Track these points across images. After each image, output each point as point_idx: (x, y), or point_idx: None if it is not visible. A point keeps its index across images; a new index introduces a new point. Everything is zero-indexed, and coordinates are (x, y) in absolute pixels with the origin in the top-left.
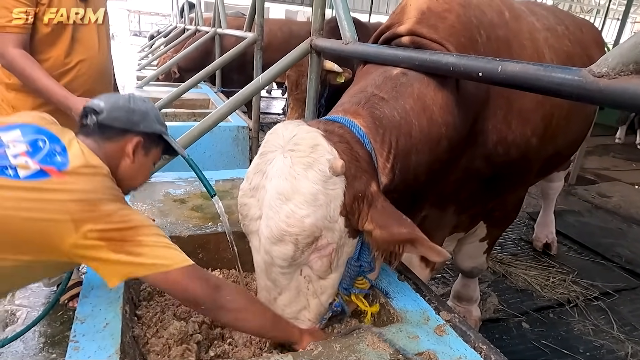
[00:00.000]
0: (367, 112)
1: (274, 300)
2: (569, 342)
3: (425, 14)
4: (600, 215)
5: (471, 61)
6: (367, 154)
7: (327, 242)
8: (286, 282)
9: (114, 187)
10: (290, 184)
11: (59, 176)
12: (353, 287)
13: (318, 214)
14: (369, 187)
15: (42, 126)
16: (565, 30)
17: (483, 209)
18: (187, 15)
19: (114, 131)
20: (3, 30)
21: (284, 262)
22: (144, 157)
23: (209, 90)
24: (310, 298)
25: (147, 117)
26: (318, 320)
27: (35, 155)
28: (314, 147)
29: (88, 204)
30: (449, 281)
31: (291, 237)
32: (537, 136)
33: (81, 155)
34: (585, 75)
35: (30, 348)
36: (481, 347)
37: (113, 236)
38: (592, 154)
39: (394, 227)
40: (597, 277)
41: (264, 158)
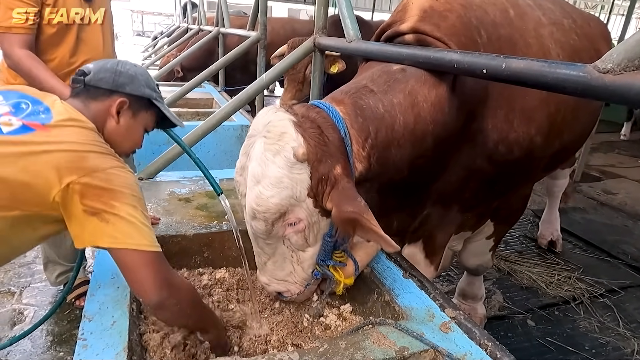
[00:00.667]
0: (350, 100)
1: (264, 264)
2: (575, 339)
3: (427, 13)
4: (605, 212)
5: (475, 58)
6: (339, 139)
7: (296, 217)
8: (271, 251)
9: (101, 141)
10: (261, 168)
11: (43, 129)
12: (330, 260)
13: (283, 194)
14: (333, 170)
15: (24, 92)
16: (572, 23)
17: (489, 208)
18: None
19: (100, 91)
20: (8, 31)
21: (262, 234)
22: (130, 119)
23: (212, 90)
24: (295, 265)
25: (134, 80)
26: (304, 285)
27: (18, 114)
28: (281, 135)
29: (74, 155)
30: (453, 279)
31: (260, 214)
32: (542, 134)
33: (65, 111)
34: (590, 71)
35: (38, 346)
36: (486, 344)
37: (89, 193)
38: (597, 151)
39: (344, 205)
40: (602, 274)
41: (249, 141)
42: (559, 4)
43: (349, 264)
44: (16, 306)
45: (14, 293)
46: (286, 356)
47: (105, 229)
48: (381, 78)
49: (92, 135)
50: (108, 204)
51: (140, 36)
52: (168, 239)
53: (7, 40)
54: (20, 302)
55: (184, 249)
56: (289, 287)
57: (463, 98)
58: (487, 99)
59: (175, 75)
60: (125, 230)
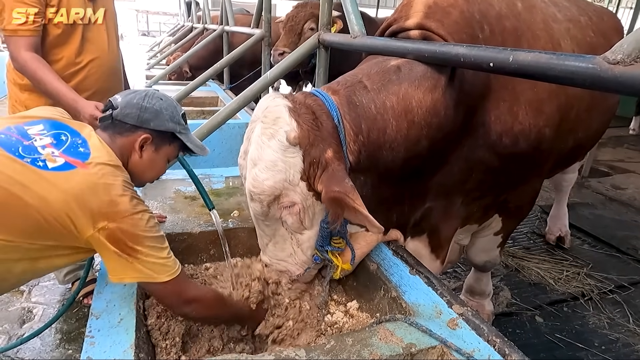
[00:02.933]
0: (345, 93)
1: (266, 245)
2: (584, 335)
3: (432, 8)
4: (614, 207)
5: (482, 51)
6: (332, 125)
7: (290, 200)
8: (271, 232)
9: (129, 181)
10: (257, 151)
11: (83, 167)
12: (329, 245)
13: (277, 177)
14: (324, 154)
15: (62, 121)
16: (588, 20)
17: (495, 201)
18: (195, 13)
19: (126, 127)
20: (14, 34)
21: (260, 216)
22: (153, 153)
23: (217, 88)
24: (295, 247)
25: (159, 115)
26: (303, 268)
27: (60, 147)
28: (276, 120)
29: (108, 198)
30: (461, 275)
31: (255, 196)
32: (551, 127)
33: (100, 147)
34: (600, 63)
35: (47, 344)
36: (495, 340)
37: (117, 237)
38: (605, 146)
39: (331, 185)
40: (611, 270)
41: (250, 126)
42: (574, 1)
43: (347, 250)
44: (25, 304)
45: (23, 291)
46: (292, 353)
47: (131, 268)
48: (377, 75)
49: (123, 177)
50: (133, 248)
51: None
52: (174, 236)
53: (13, 43)
54: (29, 300)
55: (190, 246)
56: (289, 267)
57: (462, 95)
58: (489, 92)
59: (185, 75)
60: (148, 269)
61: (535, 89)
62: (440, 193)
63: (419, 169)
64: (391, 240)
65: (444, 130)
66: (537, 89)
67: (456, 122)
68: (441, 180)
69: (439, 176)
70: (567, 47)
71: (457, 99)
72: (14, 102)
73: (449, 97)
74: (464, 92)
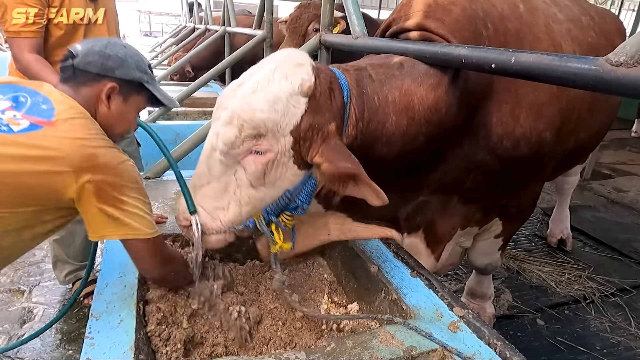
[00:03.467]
0: (354, 75)
1: (200, 187)
2: (585, 339)
3: (431, 7)
4: (616, 210)
5: (484, 53)
6: (342, 102)
7: (267, 146)
8: (219, 173)
9: (101, 130)
10: (263, 82)
11: (50, 125)
12: (276, 218)
13: (270, 116)
14: (328, 125)
15: (17, 83)
16: (590, 21)
17: (496, 203)
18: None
19: (90, 76)
20: (17, 35)
21: (225, 145)
22: (122, 104)
23: (219, 89)
24: (232, 203)
25: (124, 63)
26: (228, 227)
27: (20, 109)
28: (298, 65)
29: (86, 153)
30: (462, 277)
31: (239, 120)
32: (552, 131)
33: (64, 102)
34: (603, 65)
35: (47, 345)
36: (496, 343)
37: (102, 191)
38: (607, 148)
39: (340, 161)
40: (613, 273)
41: (259, 65)
42: (576, 1)
43: (288, 231)
44: (26, 304)
45: (23, 291)
46: (293, 355)
47: (116, 223)
48: (381, 68)
49: (96, 127)
50: (119, 199)
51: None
52: (175, 237)
53: (16, 45)
54: (30, 300)
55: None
56: (208, 221)
57: (465, 94)
58: (492, 93)
59: (187, 75)
60: (134, 221)
61: (536, 92)
62: (436, 189)
63: (414, 163)
64: (392, 242)
65: (444, 128)
66: (538, 92)
67: (457, 121)
68: (438, 177)
69: (436, 173)
70: (568, 48)
71: (460, 97)
72: None
73: (452, 95)
74: (467, 91)
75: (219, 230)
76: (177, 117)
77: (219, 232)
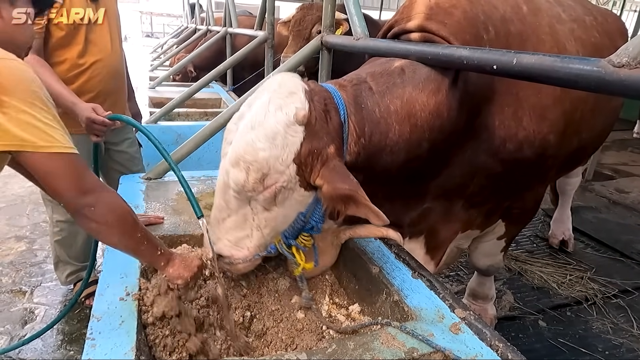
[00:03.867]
0: (352, 92)
1: (222, 220)
2: (587, 340)
3: (433, 9)
4: (618, 211)
5: (485, 54)
6: (339, 121)
7: (274, 181)
8: (236, 206)
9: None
10: (260, 117)
11: None
12: (295, 240)
13: (272, 152)
14: (327, 148)
15: None
16: (593, 21)
17: (499, 206)
18: (198, 15)
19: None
20: None
21: (236, 186)
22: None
23: (220, 90)
24: (254, 229)
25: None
26: (254, 253)
27: None
28: (290, 94)
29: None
30: (463, 279)
31: (245, 163)
32: (556, 133)
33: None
34: (605, 66)
35: (49, 345)
36: (497, 345)
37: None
38: (609, 149)
39: (338, 182)
40: (615, 274)
41: (256, 94)
42: (579, 1)
43: (310, 251)
44: (27, 305)
45: (25, 292)
46: (294, 356)
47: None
48: (382, 77)
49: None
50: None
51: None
52: (176, 238)
53: None
54: (31, 301)
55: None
56: (234, 252)
57: (465, 97)
58: (494, 95)
59: (190, 75)
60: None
61: (540, 95)
62: (440, 195)
63: (418, 171)
64: (393, 243)
65: (446, 133)
66: (541, 95)
67: (459, 124)
68: (441, 183)
69: (440, 179)
70: (571, 49)
71: (460, 100)
72: None
73: (452, 99)
74: (467, 94)
75: (246, 259)
76: (179, 118)
77: (246, 260)
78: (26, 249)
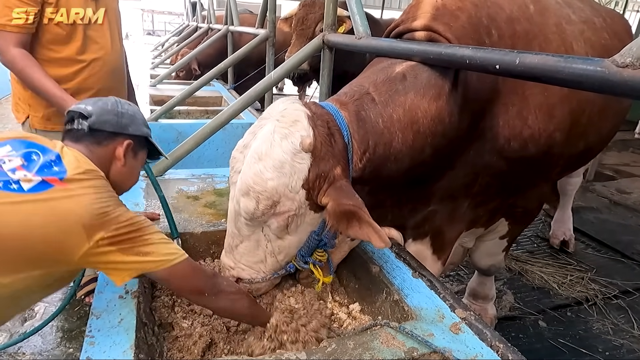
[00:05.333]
0: (354, 108)
1: (235, 246)
2: (588, 341)
3: (439, 10)
4: (619, 212)
5: (488, 54)
6: (343, 144)
7: (285, 209)
8: (248, 233)
9: (113, 190)
10: (266, 147)
11: (61, 184)
12: (311, 257)
13: (281, 180)
14: (333, 170)
15: (31, 139)
16: (602, 22)
17: (503, 204)
18: (200, 13)
19: (104, 135)
20: (4, 28)
21: (247, 214)
22: (133, 159)
23: (221, 88)
24: (267, 255)
25: (135, 120)
26: (271, 274)
27: (32, 167)
28: (294, 122)
29: (97, 210)
30: (463, 278)
31: (254, 193)
32: (562, 131)
33: (76, 161)
34: (608, 66)
35: (49, 342)
36: (498, 345)
37: (123, 240)
38: (610, 150)
39: (343, 199)
40: (616, 275)
41: (259, 123)
42: (588, 2)
43: (326, 264)
44: None
45: None
46: (293, 356)
47: (150, 259)
48: (384, 85)
49: (107, 186)
50: (142, 240)
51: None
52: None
53: (2, 38)
54: None
55: (192, 246)
56: (252, 275)
57: (466, 101)
58: (497, 96)
59: (194, 73)
60: (165, 251)
61: (546, 93)
62: (445, 197)
63: (422, 175)
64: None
65: (449, 137)
66: (548, 93)
67: (461, 128)
68: (446, 185)
69: (444, 181)
70: (580, 50)
71: (461, 104)
72: (18, 99)
73: (453, 104)
74: (468, 98)
75: (264, 279)
76: (180, 116)
77: (264, 280)
78: None
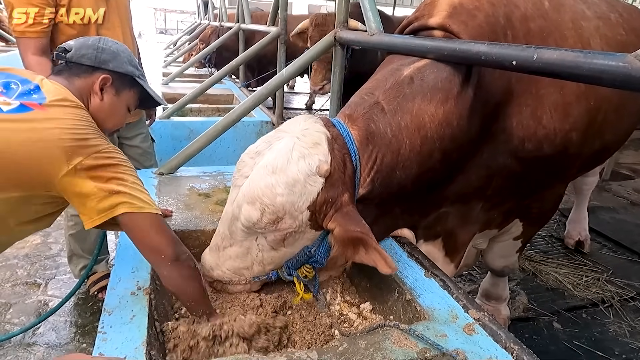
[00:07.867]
0: (363, 124)
1: (223, 248)
2: (604, 343)
3: (456, 9)
4: (636, 211)
5: (504, 49)
6: (352, 169)
7: (286, 226)
8: (241, 238)
9: (94, 122)
10: (282, 162)
11: (41, 108)
12: (297, 271)
13: (290, 198)
14: (341, 197)
15: (10, 71)
16: (619, 17)
17: (517, 206)
18: (211, 11)
19: (83, 68)
20: (23, 35)
21: (247, 222)
22: (114, 96)
23: (232, 86)
24: (255, 264)
25: (117, 57)
26: (250, 279)
27: (11, 94)
28: (315, 145)
29: (77, 134)
30: (476, 278)
31: (261, 205)
32: (579, 130)
33: (56, 90)
34: (632, 61)
35: (62, 337)
36: (512, 347)
37: (98, 169)
38: (627, 148)
39: (350, 226)
40: (633, 276)
41: (276, 134)
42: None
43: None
44: (41, 297)
45: (39, 285)
46: (305, 355)
47: (120, 198)
48: (392, 91)
49: (87, 116)
50: (116, 177)
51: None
52: (187, 233)
53: (22, 45)
54: (45, 293)
55: (203, 244)
56: (233, 278)
57: (476, 104)
58: (510, 98)
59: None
60: (137, 196)
61: (562, 92)
62: (457, 200)
63: (433, 181)
64: (406, 241)
65: (458, 141)
66: (564, 92)
67: (471, 131)
68: (458, 189)
69: (456, 184)
70: (596, 46)
71: (471, 108)
72: None
73: (462, 107)
74: (479, 100)
75: (244, 282)
76: (191, 114)
77: (246, 282)
78: (41, 242)
